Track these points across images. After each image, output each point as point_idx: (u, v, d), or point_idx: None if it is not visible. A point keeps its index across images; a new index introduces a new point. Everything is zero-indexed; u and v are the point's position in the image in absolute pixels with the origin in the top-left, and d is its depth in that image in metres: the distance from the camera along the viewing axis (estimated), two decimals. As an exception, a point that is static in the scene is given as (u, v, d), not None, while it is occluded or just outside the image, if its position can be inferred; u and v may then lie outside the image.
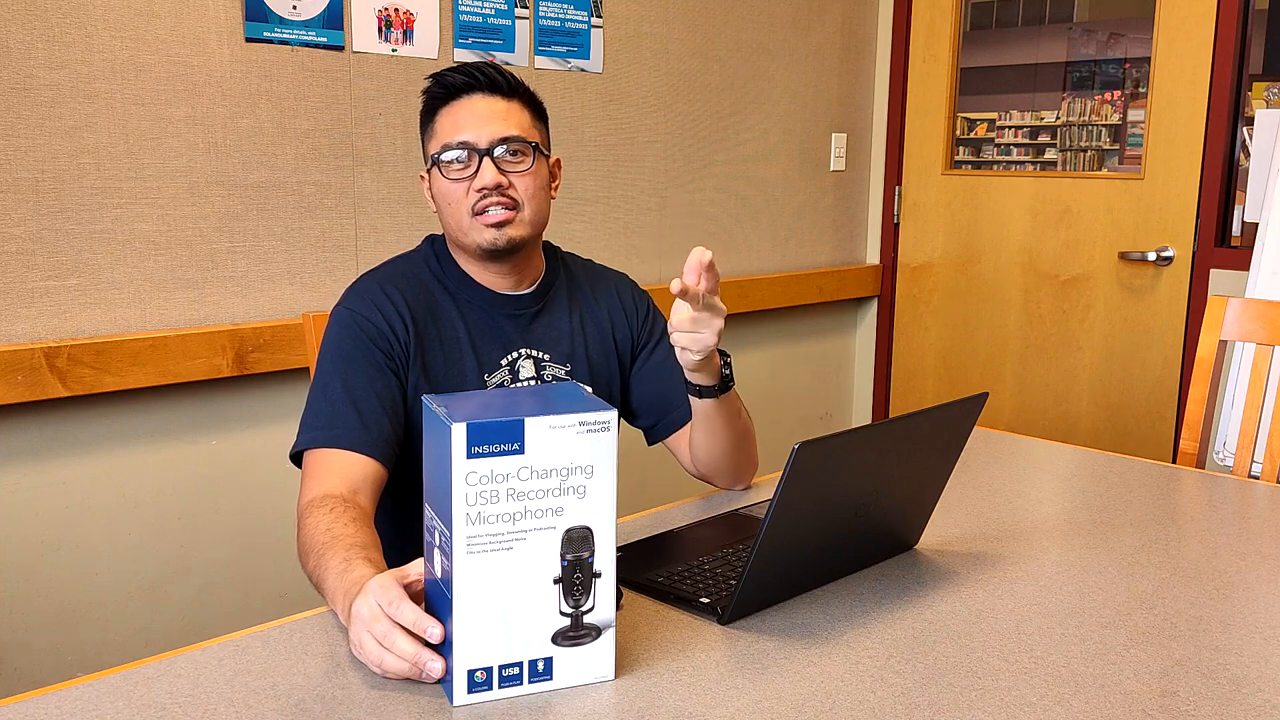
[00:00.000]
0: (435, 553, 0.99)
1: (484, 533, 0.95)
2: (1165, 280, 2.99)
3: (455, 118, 1.42)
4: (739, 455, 1.55)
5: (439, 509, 0.97)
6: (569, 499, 0.98)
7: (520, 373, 1.49)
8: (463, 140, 1.41)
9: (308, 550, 1.22)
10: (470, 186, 1.41)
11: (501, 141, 1.41)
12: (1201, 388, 1.99)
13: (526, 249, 1.47)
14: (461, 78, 1.43)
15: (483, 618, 0.96)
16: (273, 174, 2.18)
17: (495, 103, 1.43)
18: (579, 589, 1.00)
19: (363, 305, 1.43)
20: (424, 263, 1.50)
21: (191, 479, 2.15)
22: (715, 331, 1.31)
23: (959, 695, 0.99)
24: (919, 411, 1.21)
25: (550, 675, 1.00)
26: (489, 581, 0.96)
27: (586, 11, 2.67)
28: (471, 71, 1.43)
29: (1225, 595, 1.24)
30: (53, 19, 1.89)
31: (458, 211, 1.43)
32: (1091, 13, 3.28)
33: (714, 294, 1.29)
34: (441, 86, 1.44)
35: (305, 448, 1.35)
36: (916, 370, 3.58)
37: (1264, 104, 2.80)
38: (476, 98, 1.43)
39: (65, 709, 0.95)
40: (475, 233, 1.42)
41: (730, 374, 1.42)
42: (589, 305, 1.57)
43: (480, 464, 0.94)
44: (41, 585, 1.99)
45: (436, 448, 0.96)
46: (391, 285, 1.45)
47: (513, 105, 1.44)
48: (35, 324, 1.93)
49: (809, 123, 3.32)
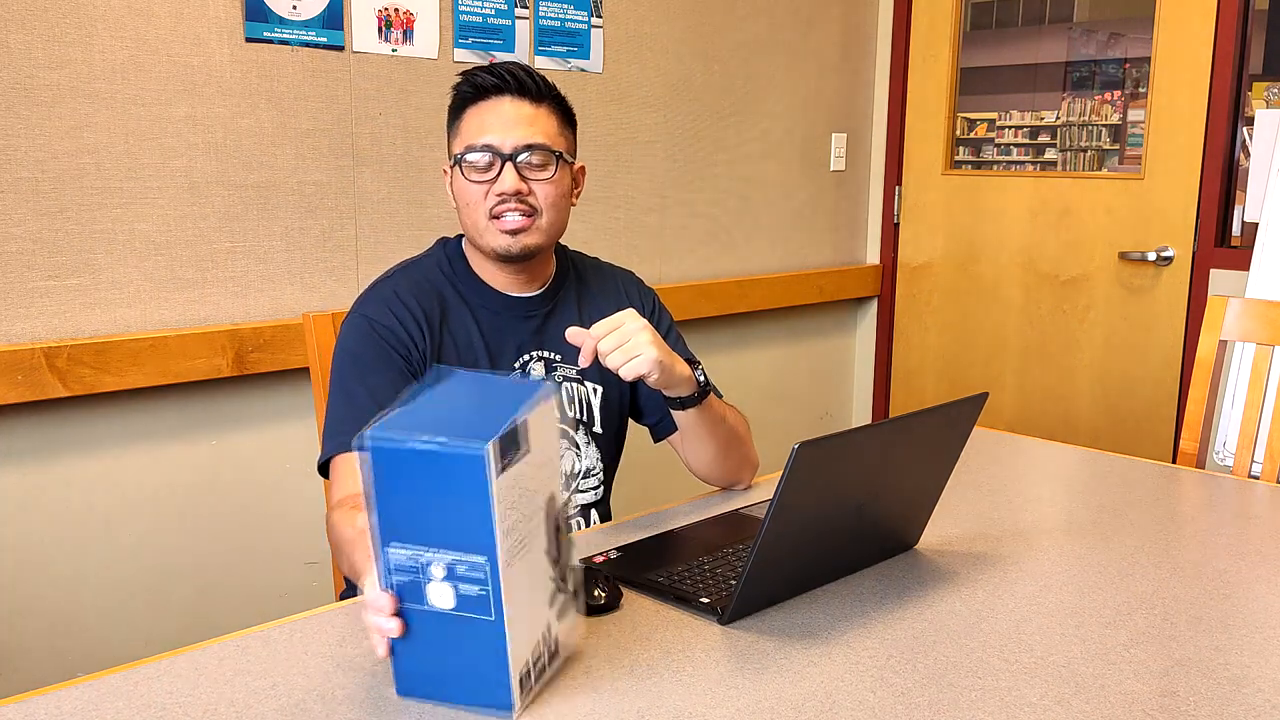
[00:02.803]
0: (431, 586, 0.91)
1: (514, 543, 0.91)
2: (1165, 280, 2.99)
3: (482, 119, 1.42)
4: (729, 459, 1.55)
5: (446, 540, 0.90)
6: (546, 474, 0.98)
7: (531, 375, 1.49)
8: (487, 143, 1.41)
9: (338, 549, 1.24)
10: (490, 190, 1.41)
11: (526, 148, 1.41)
12: (1201, 388, 1.99)
13: (541, 255, 1.48)
14: (492, 79, 1.43)
15: (521, 622, 0.94)
16: (273, 174, 2.18)
17: (523, 107, 1.43)
18: (561, 550, 1.02)
19: (379, 313, 1.43)
20: (436, 266, 1.50)
21: (191, 479, 2.15)
22: (643, 348, 1.29)
23: (959, 695, 0.99)
24: (919, 411, 1.21)
25: (556, 649, 1.01)
26: (521, 586, 0.93)
27: (586, 11, 2.67)
28: (502, 73, 1.43)
29: (1225, 595, 1.24)
30: (53, 19, 1.89)
31: (475, 213, 1.43)
32: (1091, 13, 3.28)
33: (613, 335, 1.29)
34: (471, 86, 1.44)
35: (335, 454, 1.35)
36: (916, 370, 3.58)
37: (1264, 104, 2.80)
38: (505, 100, 1.43)
39: (65, 709, 0.95)
40: (490, 236, 1.42)
41: (706, 381, 1.42)
42: (597, 304, 1.57)
43: (508, 478, 0.89)
44: (41, 585, 1.99)
45: (436, 478, 0.88)
46: (406, 292, 1.45)
47: (541, 110, 1.44)
48: (35, 324, 1.93)
49: (809, 123, 3.32)
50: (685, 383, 1.40)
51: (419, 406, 0.94)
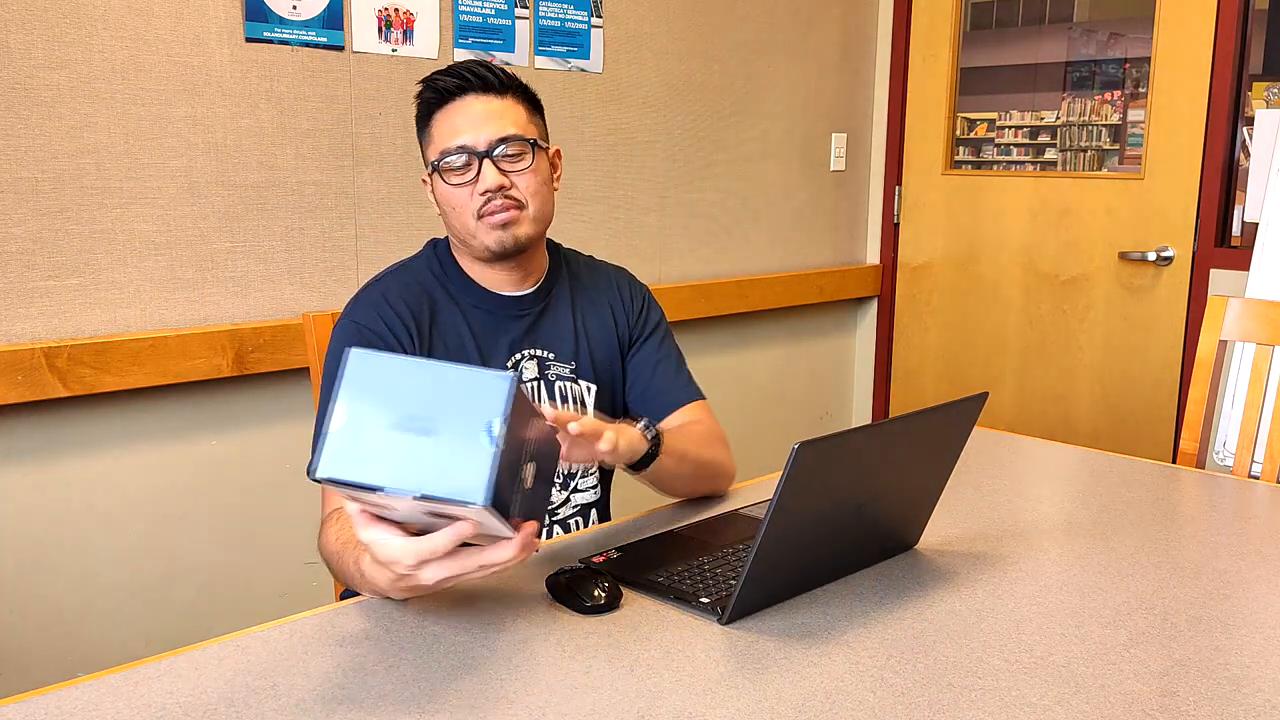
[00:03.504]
0: None
1: None
2: (1165, 280, 2.99)
3: (451, 122, 1.42)
4: (703, 484, 1.53)
5: None
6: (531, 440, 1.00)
7: (523, 374, 1.49)
8: (461, 144, 1.40)
9: (329, 561, 1.26)
10: (473, 190, 1.41)
11: (500, 141, 1.41)
12: (1201, 388, 1.99)
13: (533, 246, 1.48)
14: (453, 80, 1.42)
15: None
16: (273, 174, 2.18)
17: (490, 102, 1.42)
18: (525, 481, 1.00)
19: (367, 318, 1.42)
20: (426, 268, 1.50)
21: (191, 479, 2.15)
22: (597, 445, 1.25)
23: (959, 695, 0.99)
24: (919, 411, 1.21)
25: None
26: None
27: (586, 11, 2.67)
28: (462, 72, 1.42)
29: (1225, 595, 1.24)
30: (53, 19, 1.89)
31: (463, 215, 1.42)
32: (1091, 13, 3.28)
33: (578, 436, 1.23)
34: (434, 90, 1.43)
35: None
36: (916, 370, 3.58)
37: (1264, 104, 2.80)
38: (470, 99, 1.42)
39: (65, 709, 0.95)
40: (483, 235, 1.42)
41: (654, 437, 1.37)
42: (590, 302, 1.57)
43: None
44: (42, 585, 1.99)
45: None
46: (395, 295, 1.45)
47: (507, 102, 1.44)
48: (35, 324, 1.93)
49: (809, 123, 3.32)
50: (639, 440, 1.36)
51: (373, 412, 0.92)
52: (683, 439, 1.46)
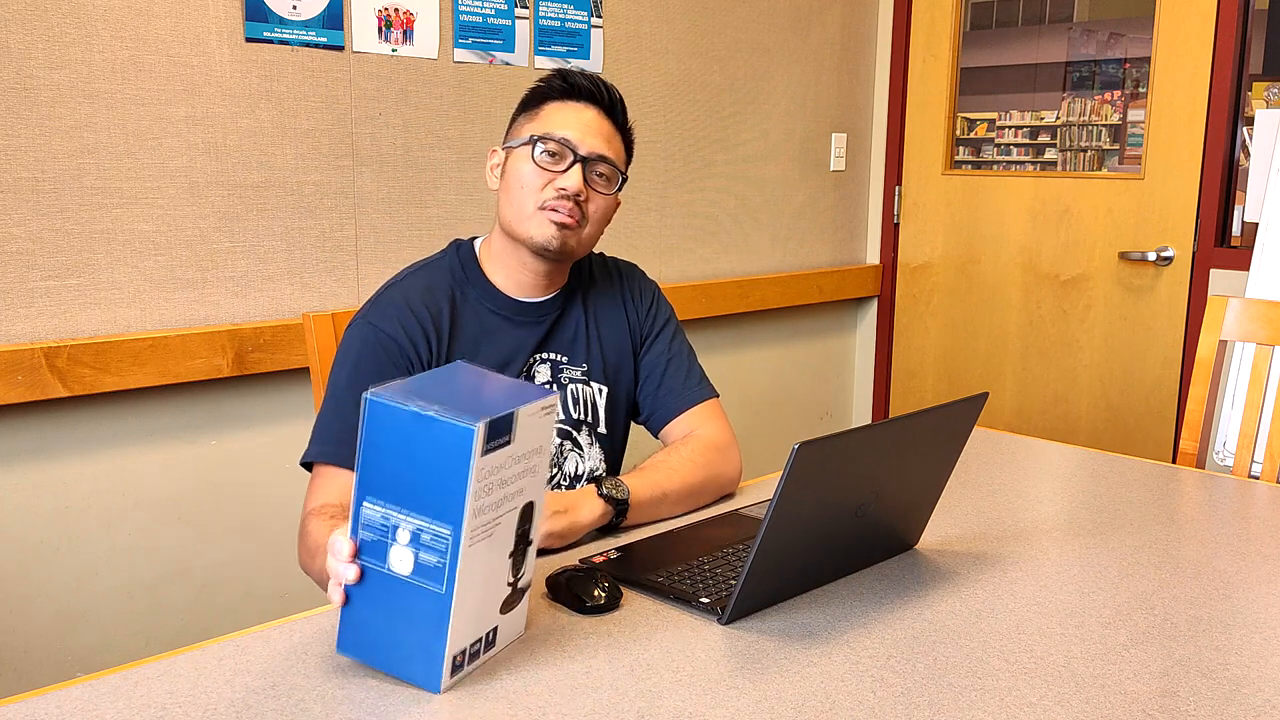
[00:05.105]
0: (394, 549, 0.96)
1: (479, 524, 0.95)
2: (1165, 280, 2.99)
3: (567, 115, 1.45)
4: (700, 500, 1.51)
5: (418, 505, 0.94)
6: (526, 479, 1.01)
7: (536, 377, 1.49)
8: (566, 137, 1.43)
9: (310, 554, 1.26)
10: (551, 182, 1.42)
11: (600, 158, 1.45)
12: (1201, 388, 1.99)
13: (566, 260, 1.50)
14: (587, 85, 1.47)
15: (469, 605, 0.98)
16: (273, 174, 2.18)
17: (605, 124, 1.47)
18: (521, 560, 1.04)
19: (387, 322, 1.42)
20: (448, 269, 1.50)
21: (191, 479, 2.15)
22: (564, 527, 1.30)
23: (959, 695, 0.99)
24: (919, 411, 1.21)
25: (494, 643, 1.04)
26: (476, 570, 0.97)
27: (586, 11, 2.67)
28: (598, 84, 1.47)
29: (1225, 595, 1.24)
30: (53, 19, 1.89)
31: (527, 197, 1.43)
32: (1091, 13, 3.28)
33: None
34: (565, 83, 1.47)
35: (314, 460, 1.37)
36: (916, 370, 3.58)
37: (1264, 104, 2.80)
38: (593, 110, 1.47)
39: (65, 709, 0.95)
40: (535, 225, 1.43)
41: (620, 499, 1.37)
42: (603, 303, 1.58)
43: (488, 460, 0.94)
44: (41, 585, 1.99)
45: (424, 444, 0.92)
46: (417, 300, 1.44)
47: (617, 135, 1.49)
48: (35, 324, 1.93)
49: (809, 123, 3.32)
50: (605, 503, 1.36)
51: (424, 381, 1.00)
52: (664, 473, 1.45)
